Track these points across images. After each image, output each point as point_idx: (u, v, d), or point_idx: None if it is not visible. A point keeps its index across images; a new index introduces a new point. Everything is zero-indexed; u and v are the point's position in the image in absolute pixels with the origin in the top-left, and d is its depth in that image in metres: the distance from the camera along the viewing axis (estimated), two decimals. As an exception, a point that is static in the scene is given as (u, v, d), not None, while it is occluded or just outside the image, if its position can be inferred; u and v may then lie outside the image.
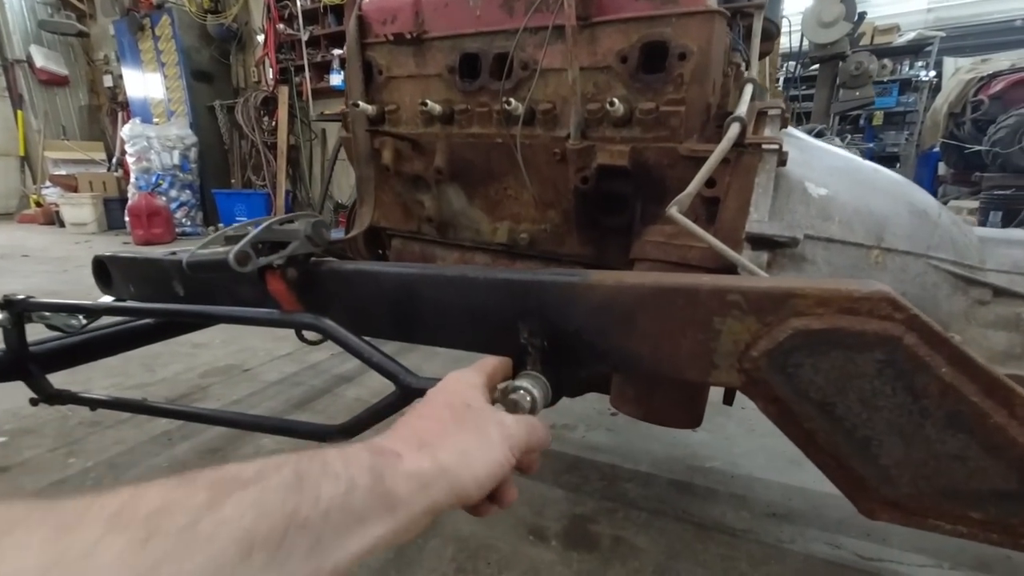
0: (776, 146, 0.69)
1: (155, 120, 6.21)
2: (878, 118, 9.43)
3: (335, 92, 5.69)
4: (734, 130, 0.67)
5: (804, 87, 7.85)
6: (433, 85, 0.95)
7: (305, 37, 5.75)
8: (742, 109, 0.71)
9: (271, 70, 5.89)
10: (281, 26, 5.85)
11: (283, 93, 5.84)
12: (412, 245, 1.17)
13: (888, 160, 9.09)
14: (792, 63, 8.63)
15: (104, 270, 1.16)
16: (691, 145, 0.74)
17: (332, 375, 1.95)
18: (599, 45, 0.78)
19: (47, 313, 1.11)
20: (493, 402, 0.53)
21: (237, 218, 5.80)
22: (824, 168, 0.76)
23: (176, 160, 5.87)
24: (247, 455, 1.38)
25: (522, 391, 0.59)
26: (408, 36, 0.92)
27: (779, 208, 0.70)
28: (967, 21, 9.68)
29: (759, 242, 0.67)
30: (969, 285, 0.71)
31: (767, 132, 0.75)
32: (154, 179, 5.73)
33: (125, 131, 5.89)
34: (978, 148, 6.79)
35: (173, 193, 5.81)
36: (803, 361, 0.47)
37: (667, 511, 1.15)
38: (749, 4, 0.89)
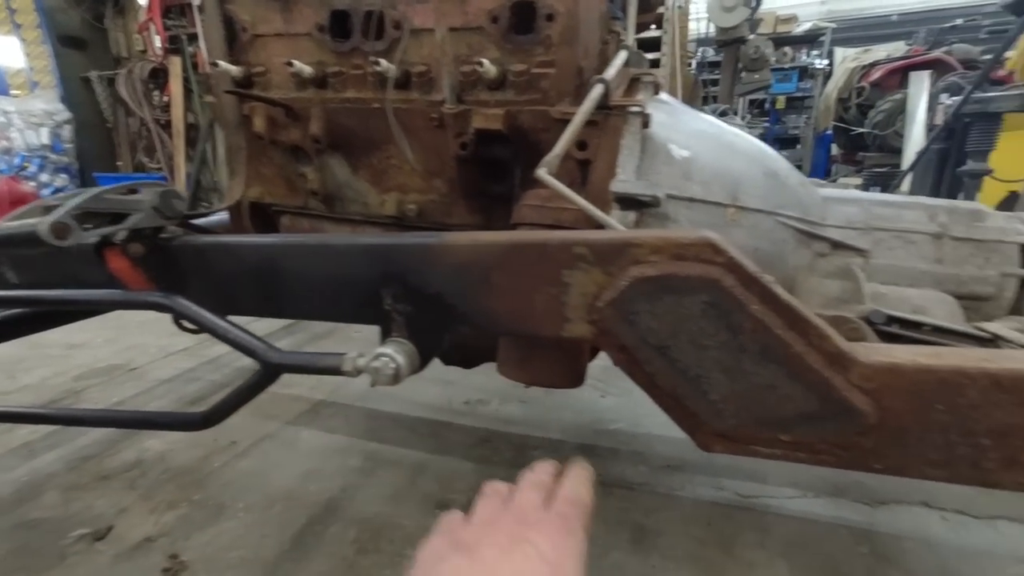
0: (639, 108, 0.71)
1: (14, 92, 5.36)
2: (781, 102, 10.21)
3: (238, 66, 5.23)
4: (597, 91, 0.68)
5: (715, 71, 8.28)
6: (303, 45, 0.88)
7: (198, 1, 5.20)
8: (609, 72, 0.72)
9: (158, 38, 5.27)
10: (167, -12, 5.24)
11: (175, 64, 5.22)
12: (301, 221, 1.10)
13: (790, 141, 9.90)
14: (705, 48, 9.07)
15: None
16: (563, 108, 0.74)
17: (234, 368, 1.82)
18: (469, 4, 0.76)
19: None
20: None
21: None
22: (689, 132, 0.80)
23: (45, 139, 5.13)
24: (127, 461, 1.25)
25: (385, 358, 0.57)
26: (270, -10, 0.84)
27: (645, 169, 0.72)
28: (855, 14, 10.65)
29: (626, 202, 0.69)
30: (811, 239, 0.78)
31: (638, 97, 0.77)
32: (18, 161, 4.99)
33: (-24, 105, 5.06)
34: (861, 130, 7.56)
35: (44, 177, 5.08)
36: (641, 308, 0.49)
37: (572, 473, 1.19)
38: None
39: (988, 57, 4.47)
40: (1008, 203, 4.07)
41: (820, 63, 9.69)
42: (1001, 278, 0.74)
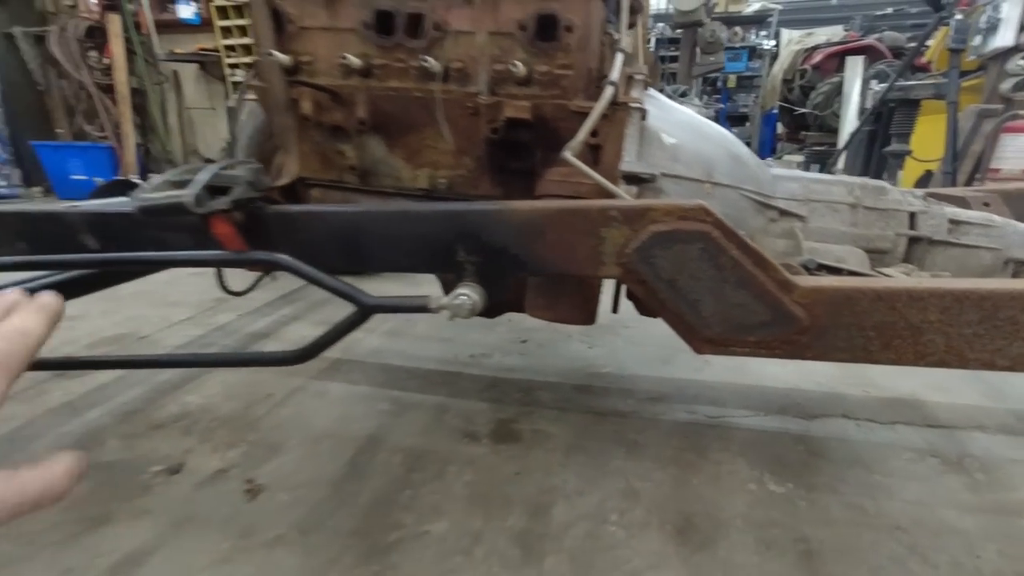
0: (640, 105, 0.90)
1: (-74, 51, 4.87)
2: (732, 81, 10.63)
3: (184, 27, 4.94)
4: (609, 92, 0.87)
5: (672, 48, 8.54)
6: (348, 39, 1.01)
7: (144, -38, 4.87)
8: (615, 75, 0.91)
9: (95, -7, 4.89)
10: (101, -61, 4.85)
11: (114, 23, 4.87)
12: (333, 194, 1.24)
13: (740, 119, 10.39)
14: (662, 24, 9.26)
15: (-19, 230, 1.06)
16: (578, 102, 0.93)
17: (244, 334, 1.93)
18: (501, 14, 0.92)
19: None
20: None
21: (71, 176, 4.91)
22: (673, 122, 1.01)
23: (-30, 105, 4.73)
24: (174, 413, 1.38)
25: (463, 297, 0.76)
26: (321, -10, 0.97)
27: (643, 152, 0.93)
28: (798, -3, 11.09)
29: (630, 178, 0.90)
30: (765, 208, 1.02)
31: (634, 94, 0.96)
32: (-54, 130, 4.61)
33: None
34: (803, 111, 8.08)
35: (-24, 147, 4.73)
36: (658, 253, 0.70)
37: (572, 407, 1.43)
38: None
39: (913, 45, 4.92)
40: (924, 180, 4.61)
41: (768, 44, 10.16)
42: (896, 237, 1.00)
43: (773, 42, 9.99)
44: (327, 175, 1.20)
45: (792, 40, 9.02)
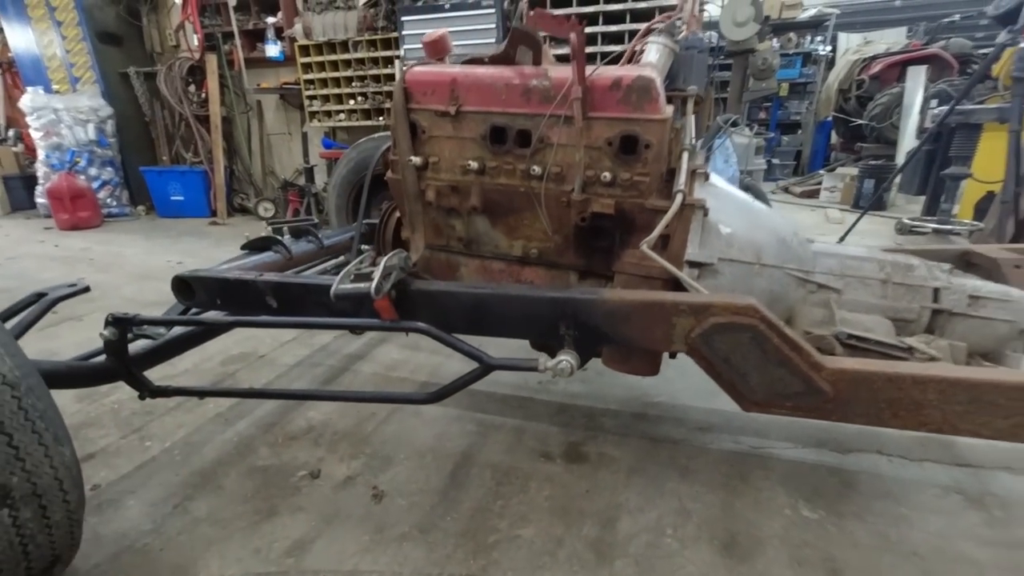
0: (703, 204, 1.14)
1: (55, 87, 5.63)
2: (784, 89, 10.42)
3: (270, 63, 5.47)
4: (679, 200, 1.11)
5: (723, 70, 8.52)
6: (468, 145, 1.30)
7: (234, 2, 5.44)
8: (682, 180, 1.15)
9: (196, 36, 5.53)
10: (202, -13, 5.46)
11: (211, 62, 5.51)
12: (439, 255, 1.53)
13: (792, 127, 10.17)
14: (711, 33, 9.25)
15: (186, 286, 1.41)
16: (652, 201, 1.17)
17: (343, 355, 2.27)
18: (594, 133, 1.18)
19: (146, 327, 1.36)
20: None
21: (171, 197, 5.57)
22: (728, 211, 1.23)
23: (92, 135, 5.44)
24: (302, 427, 1.71)
25: (564, 361, 1.02)
26: (448, 112, 1.26)
27: (704, 241, 1.16)
28: (858, 0, 10.75)
29: (693, 264, 1.13)
30: (806, 283, 1.23)
31: (697, 191, 1.20)
32: (69, 156, 5.32)
33: (26, 102, 5.34)
34: (860, 122, 7.89)
35: (93, 171, 5.42)
36: (716, 337, 0.94)
37: (632, 433, 1.66)
38: (685, 92, 1.31)
39: (982, 52, 4.76)
40: (986, 200, 4.52)
41: (823, 49, 9.90)
42: (921, 309, 1.19)
43: (829, 47, 9.72)
44: (438, 241, 1.50)
45: (849, 50, 8.80)
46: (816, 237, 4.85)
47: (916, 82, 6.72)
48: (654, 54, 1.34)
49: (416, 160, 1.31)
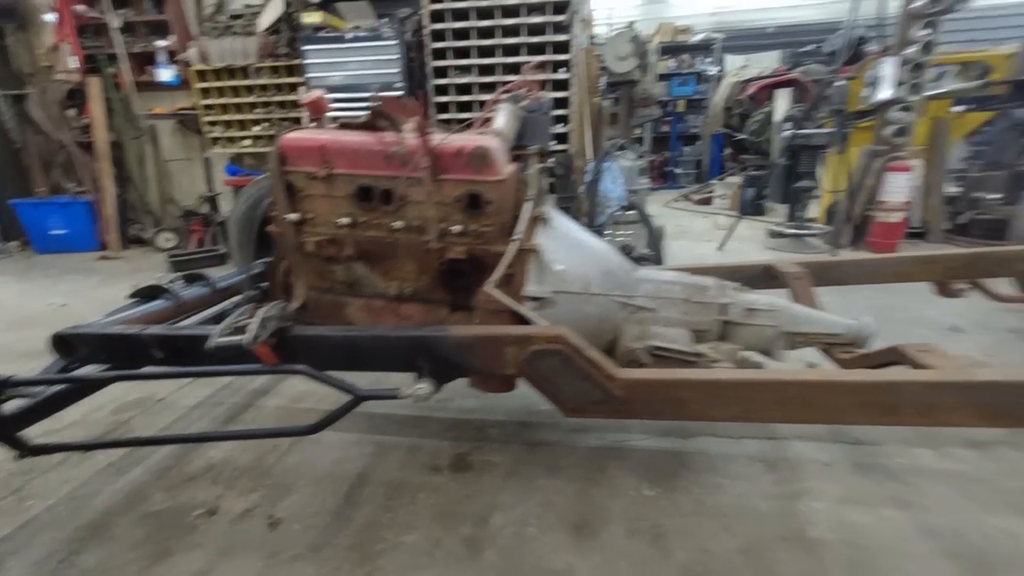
0: (537, 248, 1.39)
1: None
2: (682, 105, 11.47)
3: (164, 87, 5.25)
4: (514, 247, 1.35)
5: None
6: (339, 203, 1.46)
7: (118, 24, 5.17)
8: (520, 228, 1.39)
9: (74, 58, 5.17)
10: (81, 7, 5.14)
11: (94, 85, 5.17)
12: (326, 296, 1.68)
13: (691, 138, 11.17)
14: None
15: (67, 343, 1.45)
16: (497, 248, 1.41)
17: (247, 391, 2.32)
18: (443, 191, 1.39)
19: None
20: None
21: (50, 231, 5.13)
22: (564, 249, 1.50)
23: (-52, 166, 4.90)
24: (202, 466, 1.77)
25: (421, 388, 1.22)
26: (319, 174, 1.42)
27: (541, 278, 1.41)
28: (739, 26, 12.08)
29: (532, 298, 1.38)
30: (628, 306, 1.52)
31: (538, 233, 1.45)
32: (-76, 191, 4.76)
33: None
34: (742, 136, 8.88)
35: (-46, 205, 4.89)
36: (536, 362, 1.18)
37: (514, 440, 1.89)
38: (528, 151, 1.57)
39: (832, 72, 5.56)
40: (832, 207, 5.33)
41: (713, 70, 11.03)
42: (713, 321, 1.52)
43: (718, 67, 10.84)
44: (324, 284, 1.65)
45: (730, 73, 9.92)
46: (704, 242, 5.44)
47: (781, 103, 7.75)
48: (501, 120, 1.59)
49: (293, 217, 1.46)
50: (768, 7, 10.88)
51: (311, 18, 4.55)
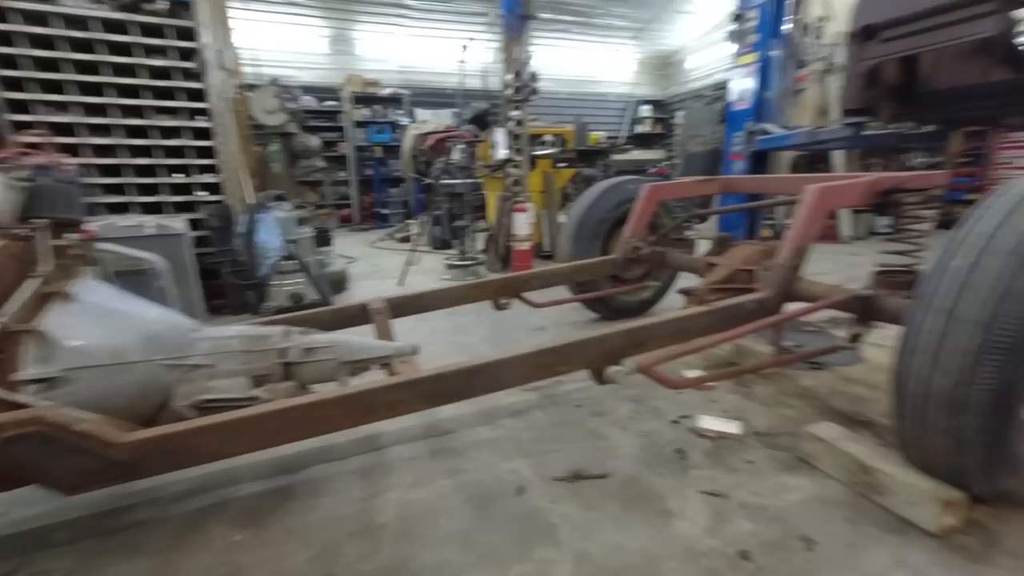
0: (32, 329, 1.32)
1: None
2: (379, 151, 12.35)
3: None
4: (-7, 332, 1.25)
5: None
6: None
7: None
8: (10, 310, 1.30)
9: None
10: None
11: None
12: None
13: (396, 181, 12.07)
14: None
15: None
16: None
17: None
18: None
19: None
20: None
21: None
22: (89, 321, 1.46)
23: None
24: None
25: None
26: None
27: (48, 358, 1.34)
28: (424, 84, 13.69)
29: (34, 381, 1.30)
30: (179, 367, 1.59)
31: (47, 311, 1.37)
32: None
33: None
34: (428, 180, 10.08)
35: None
36: (12, 448, 1.12)
37: (85, 536, 1.69)
38: (38, 224, 1.48)
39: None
40: (489, 238, 6.58)
41: (405, 120, 12.22)
42: (273, 365, 1.74)
43: (410, 119, 12.08)
44: None
45: (411, 126, 11.25)
46: (390, 279, 5.92)
47: (456, 154, 9.24)
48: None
49: None
50: (444, 71, 12.78)
51: None
